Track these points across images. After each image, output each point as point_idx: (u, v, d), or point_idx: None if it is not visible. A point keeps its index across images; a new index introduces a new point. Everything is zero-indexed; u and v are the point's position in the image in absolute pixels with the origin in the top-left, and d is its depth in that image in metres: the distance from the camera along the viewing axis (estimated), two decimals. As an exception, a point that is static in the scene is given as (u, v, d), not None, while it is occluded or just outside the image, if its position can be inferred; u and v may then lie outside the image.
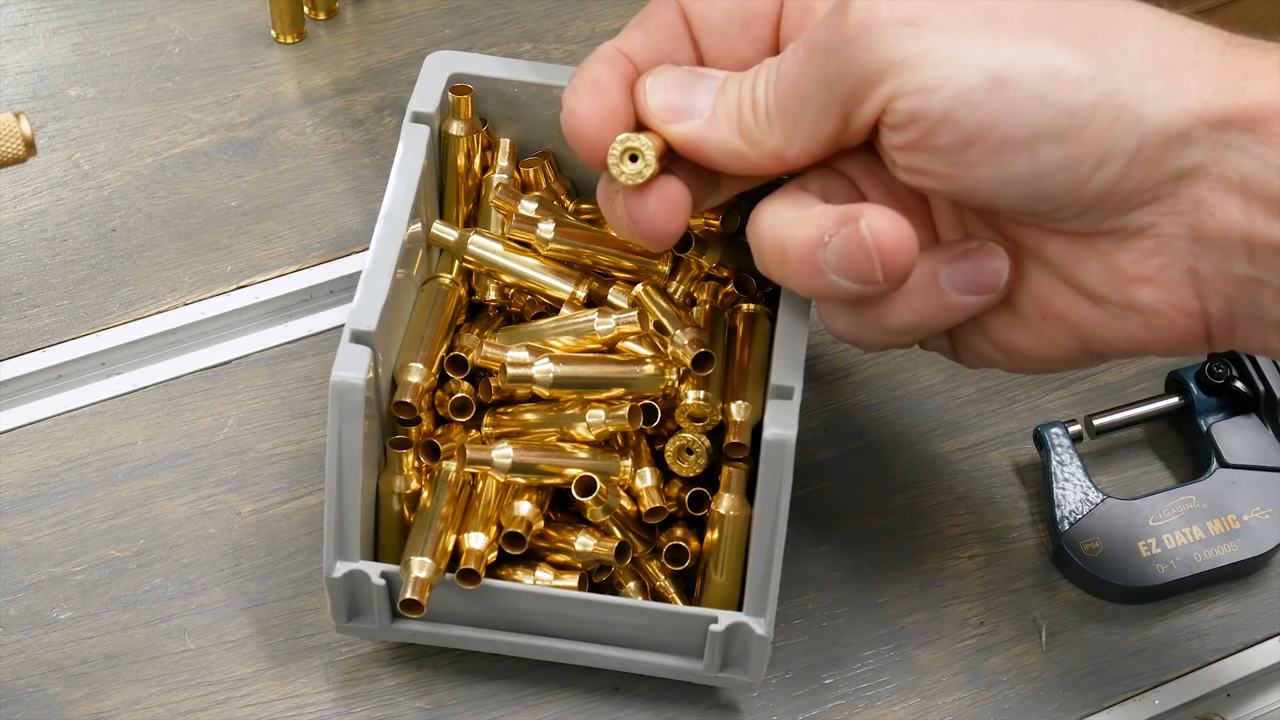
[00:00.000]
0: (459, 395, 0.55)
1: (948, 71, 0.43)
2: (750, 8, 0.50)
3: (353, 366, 0.51)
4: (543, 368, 0.53)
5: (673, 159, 0.49)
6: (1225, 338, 0.46)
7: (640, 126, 0.49)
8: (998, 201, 0.45)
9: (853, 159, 0.49)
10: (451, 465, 0.55)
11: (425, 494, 0.55)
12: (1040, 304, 0.48)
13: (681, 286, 0.58)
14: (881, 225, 0.45)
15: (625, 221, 0.49)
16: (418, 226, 0.57)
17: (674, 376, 0.54)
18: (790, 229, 0.47)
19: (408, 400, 0.54)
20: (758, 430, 0.54)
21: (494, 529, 0.53)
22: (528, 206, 0.58)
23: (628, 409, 0.53)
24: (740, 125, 0.47)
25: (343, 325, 0.53)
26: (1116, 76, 0.42)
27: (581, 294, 0.57)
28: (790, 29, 0.49)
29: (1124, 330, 0.46)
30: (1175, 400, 0.63)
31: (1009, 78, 0.42)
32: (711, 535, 0.54)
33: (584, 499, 0.53)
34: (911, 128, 0.44)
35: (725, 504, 0.54)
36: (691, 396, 0.54)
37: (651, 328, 0.55)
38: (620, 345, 0.55)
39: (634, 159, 0.48)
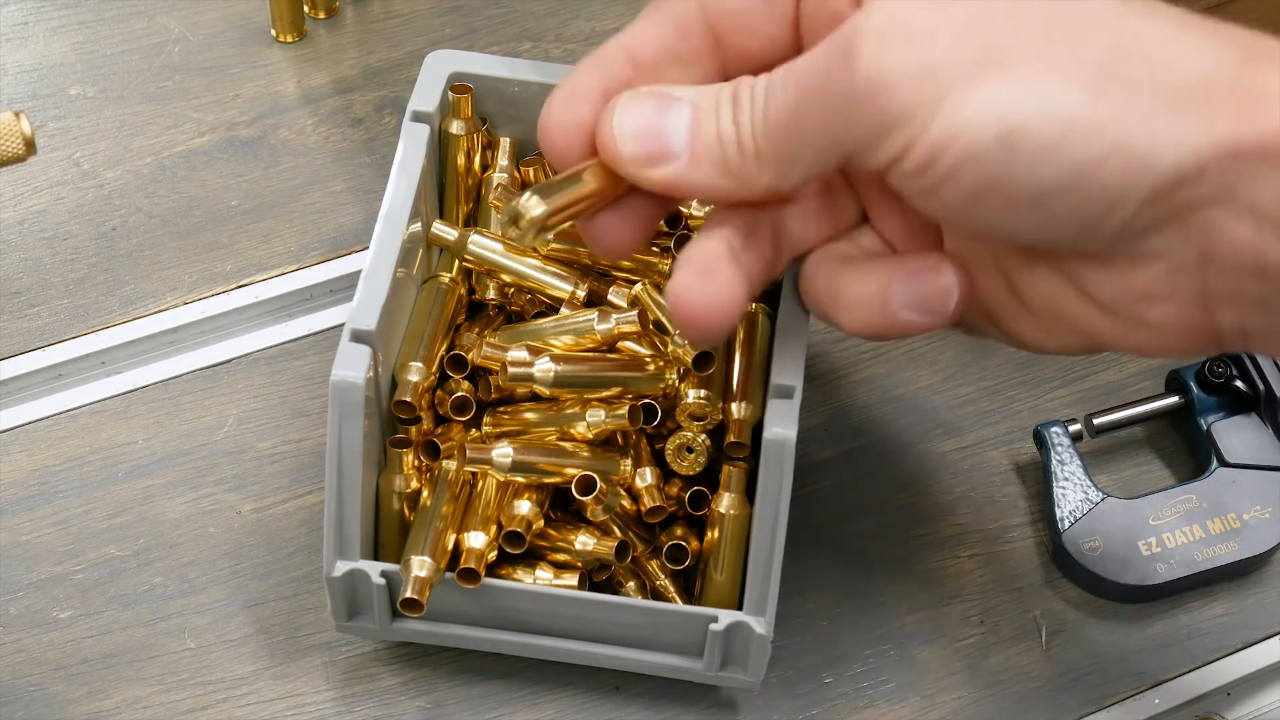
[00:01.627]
0: (459, 394, 0.55)
1: (957, 127, 0.42)
2: None
3: (353, 366, 0.51)
4: (543, 367, 0.53)
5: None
6: (1237, 347, 0.45)
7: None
8: (1008, 241, 0.45)
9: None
10: (451, 464, 0.55)
11: (425, 493, 0.55)
12: (1052, 307, 0.47)
13: (681, 286, 0.58)
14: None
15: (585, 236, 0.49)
16: (418, 226, 0.57)
17: (674, 376, 0.54)
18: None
19: (408, 399, 0.54)
20: (758, 429, 0.54)
21: (494, 528, 0.53)
22: (528, 206, 0.57)
23: (628, 408, 0.53)
24: (725, 165, 0.46)
25: (343, 324, 0.53)
26: (1128, 118, 0.41)
27: (581, 294, 0.57)
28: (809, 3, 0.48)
29: (1134, 339, 0.46)
30: (1175, 399, 0.63)
31: (1017, 133, 0.41)
32: (711, 534, 0.54)
33: (584, 498, 0.53)
34: (920, 179, 0.43)
35: (725, 503, 0.54)
36: (691, 396, 0.54)
37: (651, 327, 0.55)
38: (620, 345, 0.55)
39: (527, 207, 0.46)
